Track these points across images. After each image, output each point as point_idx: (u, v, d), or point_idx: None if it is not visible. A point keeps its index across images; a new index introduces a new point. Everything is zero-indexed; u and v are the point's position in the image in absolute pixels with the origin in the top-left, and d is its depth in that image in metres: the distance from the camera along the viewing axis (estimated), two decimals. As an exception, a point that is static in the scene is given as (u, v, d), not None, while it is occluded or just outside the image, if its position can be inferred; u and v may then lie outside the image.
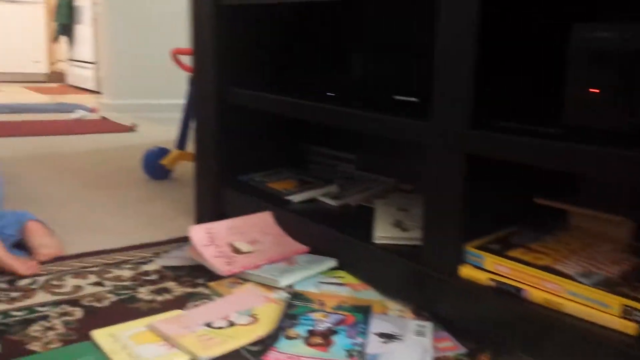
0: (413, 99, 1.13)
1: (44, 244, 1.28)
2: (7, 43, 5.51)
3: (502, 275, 0.91)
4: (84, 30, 5.07)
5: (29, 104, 4.07)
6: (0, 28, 5.49)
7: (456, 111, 0.91)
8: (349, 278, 1.17)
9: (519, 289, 0.88)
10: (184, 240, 1.39)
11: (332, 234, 1.21)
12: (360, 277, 1.17)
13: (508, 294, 0.89)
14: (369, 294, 1.11)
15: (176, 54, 2.05)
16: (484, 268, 0.93)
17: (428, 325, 0.97)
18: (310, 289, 1.12)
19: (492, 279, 0.91)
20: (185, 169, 2.13)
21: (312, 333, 0.93)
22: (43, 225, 1.33)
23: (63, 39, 5.47)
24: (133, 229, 1.51)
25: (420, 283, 1.01)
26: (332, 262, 1.20)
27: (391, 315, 1.02)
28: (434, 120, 0.95)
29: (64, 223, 1.52)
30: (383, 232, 1.15)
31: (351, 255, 1.18)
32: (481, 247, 0.95)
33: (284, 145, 1.67)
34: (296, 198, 1.40)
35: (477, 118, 0.90)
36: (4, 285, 1.11)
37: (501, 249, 0.94)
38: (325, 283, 1.14)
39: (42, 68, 5.87)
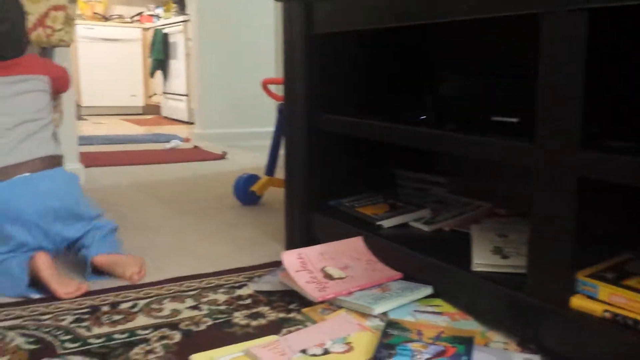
0: (513, 120, 1.08)
1: (129, 263, 1.33)
2: (107, 78, 5.90)
3: (618, 307, 0.84)
4: (177, 64, 5.34)
5: (127, 135, 4.31)
6: (102, 65, 5.89)
7: (564, 132, 0.86)
8: (446, 307, 1.12)
9: (637, 321, 0.81)
10: (275, 265, 1.40)
11: (426, 261, 1.17)
12: (459, 306, 1.12)
13: (625, 327, 0.82)
14: (468, 324, 1.06)
15: (266, 83, 2.09)
16: (598, 298, 0.86)
17: (536, 359, 0.91)
18: (406, 317, 1.08)
19: (607, 310, 0.84)
20: (275, 194, 2.16)
21: (410, 364, 0.89)
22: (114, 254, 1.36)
23: (158, 74, 5.77)
24: (225, 254, 1.54)
25: (525, 314, 0.95)
26: (427, 290, 1.16)
27: (494, 347, 0.97)
28: (541, 143, 0.90)
29: (160, 247, 1.58)
30: (482, 260, 1.10)
31: (448, 283, 1.13)
32: (594, 276, 0.88)
33: (373, 169, 1.65)
34: (387, 223, 1.38)
35: (586, 139, 0.85)
36: (106, 309, 1.15)
37: (616, 278, 0.87)
38: (422, 312, 1.10)
39: (139, 101, 6.22)
